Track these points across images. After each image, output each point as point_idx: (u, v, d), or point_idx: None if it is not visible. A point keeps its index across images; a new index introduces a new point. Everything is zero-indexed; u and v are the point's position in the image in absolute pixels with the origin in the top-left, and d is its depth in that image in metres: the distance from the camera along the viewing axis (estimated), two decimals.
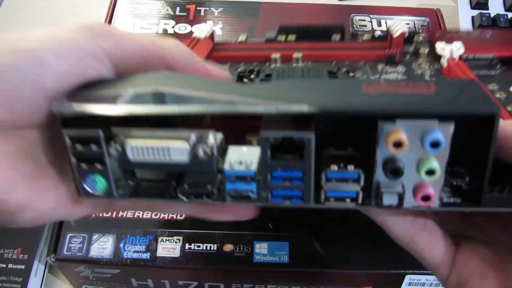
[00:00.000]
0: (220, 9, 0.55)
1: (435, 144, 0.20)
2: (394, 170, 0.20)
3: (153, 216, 0.40)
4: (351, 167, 0.21)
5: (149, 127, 0.21)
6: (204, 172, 0.22)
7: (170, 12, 0.54)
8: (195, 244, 0.38)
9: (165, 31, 0.52)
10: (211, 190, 0.22)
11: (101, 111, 0.20)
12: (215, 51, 0.41)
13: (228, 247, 0.38)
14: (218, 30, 0.52)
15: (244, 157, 0.22)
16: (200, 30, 0.41)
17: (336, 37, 0.41)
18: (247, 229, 0.39)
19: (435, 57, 0.38)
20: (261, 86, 0.24)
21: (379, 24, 0.54)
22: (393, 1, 0.62)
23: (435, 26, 0.54)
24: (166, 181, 0.24)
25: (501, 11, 0.58)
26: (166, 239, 0.38)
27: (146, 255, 0.37)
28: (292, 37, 0.41)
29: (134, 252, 0.38)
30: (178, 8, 0.55)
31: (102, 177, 0.22)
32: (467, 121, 0.20)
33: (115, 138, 0.21)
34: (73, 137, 0.21)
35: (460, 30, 0.55)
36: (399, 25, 0.40)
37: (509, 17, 0.56)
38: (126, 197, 0.23)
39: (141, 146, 0.21)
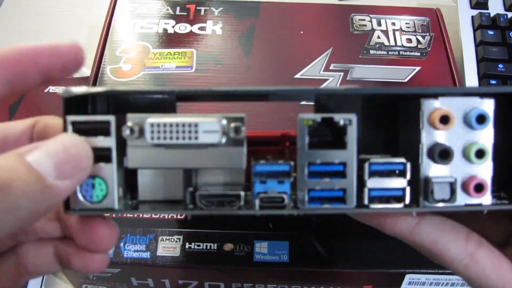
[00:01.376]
0: (220, 8, 0.55)
1: (481, 119, 0.19)
2: (442, 152, 0.19)
3: (153, 216, 0.40)
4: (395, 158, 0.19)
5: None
6: (228, 171, 0.20)
7: (170, 11, 0.54)
8: (195, 243, 0.38)
9: (165, 30, 0.52)
10: (237, 194, 0.20)
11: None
12: None
13: (228, 247, 0.38)
14: (218, 30, 0.52)
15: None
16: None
17: None
18: (247, 229, 0.39)
19: None
20: None
21: (379, 24, 0.54)
22: (393, 1, 0.62)
23: (435, 26, 0.54)
24: (171, 202, 0.21)
25: (501, 11, 0.58)
26: (166, 239, 0.38)
27: (146, 255, 0.37)
28: None
29: (134, 251, 0.38)
30: (178, 8, 0.55)
31: (104, 182, 0.19)
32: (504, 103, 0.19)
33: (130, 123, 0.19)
34: (78, 122, 0.19)
35: None
36: None
37: (509, 17, 0.56)
38: (127, 211, 0.21)
39: (164, 122, 0.18)
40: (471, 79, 0.53)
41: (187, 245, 0.38)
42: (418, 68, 0.50)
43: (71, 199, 0.20)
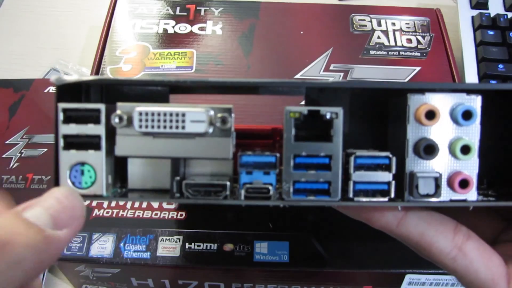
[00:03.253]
0: (220, 9, 0.55)
1: (467, 115, 0.19)
2: (427, 147, 0.19)
3: (153, 216, 0.40)
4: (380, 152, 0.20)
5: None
6: (216, 161, 0.20)
7: (170, 12, 0.54)
8: (195, 243, 0.38)
9: (165, 31, 0.52)
10: (223, 183, 0.20)
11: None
12: None
13: (228, 247, 0.38)
14: (218, 30, 0.52)
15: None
16: None
17: None
18: (247, 229, 0.39)
19: None
20: None
21: (379, 24, 0.54)
22: (393, 1, 0.62)
23: (435, 26, 0.54)
24: (159, 191, 0.21)
25: (501, 11, 0.58)
26: (166, 239, 0.38)
27: (146, 255, 0.37)
28: None
29: (134, 251, 0.38)
30: (178, 8, 0.55)
31: (93, 168, 0.20)
32: (490, 100, 0.19)
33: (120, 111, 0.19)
34: (69, 110, 0.19)
35: None
36: None
37: (509, 17, 0.56)
38: (116, 198, 0.21)
39: (152, 111, 0.19)
40: (471, 79, 0.53)
41: (187, 245, 0.38)
42: (418, 69, 0.50)
43: (61, 185, 0.20)
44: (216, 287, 0.41)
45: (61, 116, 0.19)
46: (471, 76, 0.53)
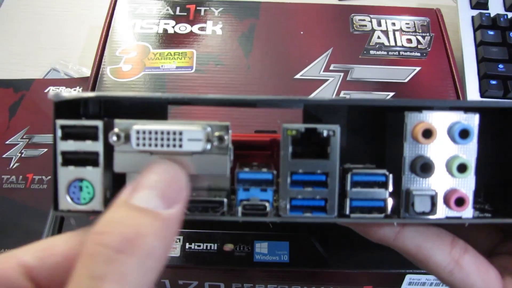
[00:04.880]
0: (220, 9, 0.55)
1: (464, 134, 0.19)
2: (424, 166, 0.20)
3: None
4: (378, 170, 0.20)
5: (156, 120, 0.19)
6: (214, 176, 0.20)
7: (170, 12, 0.54)
8: (195, 243, 0.38)
9: (165, 31, 0.52)
10: (221, 200, 0.20)
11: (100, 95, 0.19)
12: None
13: (229, 247, 0.38)
14: (218, 30, 0.52)
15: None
16: None
17: None
18: (247, 229, 0.39)
19: None
20: None
21: (379, 24, 0.54)
22: (393, 1, 0.62)
23: (435, 26, 0.54)
24: None
25: (501, 11, 0.58)
26: None
27: None
28: None
29: None
30: (178, 8, 0.55)
31: (91, 185, 0.20)
32: (489, 117, 0.20)
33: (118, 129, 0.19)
34: (67, 126, 0.19)
35: None
36: None
37: (509, 17, 0.56)
38: None
39: (149, 129, 0.19)
40: (471, 80, 0.53)
41: (187, 245, 0.38)
42: (418, 69, 0.50)
43: (60, 201, 0.20)
44: (216, 287, 0.41)
45: (59, 132, 0.19)
46: (471, 76, 0.53)
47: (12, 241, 0.42)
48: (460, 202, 0.20)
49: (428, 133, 0.19)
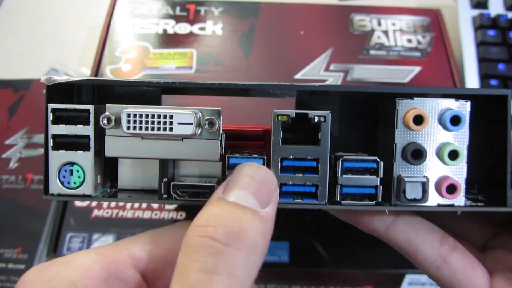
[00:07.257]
0: (220, 8, 0.55)
1: (455, 120, 0.19)
2: (415, 152, 0.20)
3: (153, 216, 0.39)
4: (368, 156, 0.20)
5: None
6: (204, 160, 0.20)
7: (170, 11, 0.54)
8: None
9: (165, 31, 0.52)
10: (211, 185, 0.20)
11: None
12: None
13: None
14: (218, 30, 0.52)
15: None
16: None
17: None
18: None
19: None
20: None
21: (379, 24, 0.54)
22: (393, 1, 0.62)
23: (436, 26, 0.54)
24: (149, 191, 0.21)
25: (501, 11, 0.58)
26: None
27: None
28: None
29: None
30: (178, 8, 0.55)
31: (81, 168, 0.20)
32: (481, 105, 0.19)
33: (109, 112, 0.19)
34: (59, 110, 0.19)
35: None
36: None
37: (509, 17, 0.56)
38: (104, 198, 0.21)
39: (140, 112, 0.19)
40: (472, 79, 0.53)
41: None
42: (418, 69, 0.50)
43: (50, 185, 0.20)
44: None
45: (50, 116, 0.19)
46: (471, 76, 0.53)
47: (12, 241, 0.42)
48: (452, 189, 0.20)
49: (419, 119, 0.19)
